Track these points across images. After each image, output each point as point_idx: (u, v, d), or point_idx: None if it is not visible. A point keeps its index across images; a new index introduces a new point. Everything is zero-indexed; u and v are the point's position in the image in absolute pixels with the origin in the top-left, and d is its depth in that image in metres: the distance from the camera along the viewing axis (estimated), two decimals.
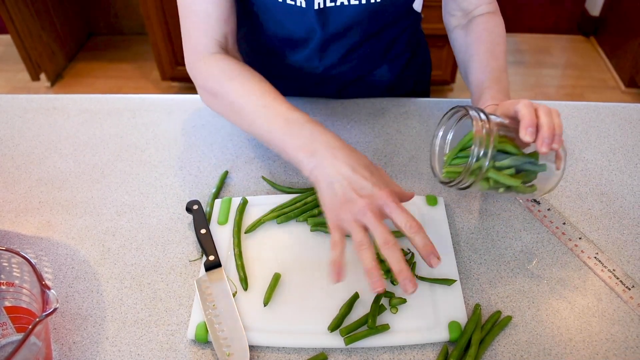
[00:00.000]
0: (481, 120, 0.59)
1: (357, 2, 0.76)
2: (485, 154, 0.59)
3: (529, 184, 0.65)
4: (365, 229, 0.57)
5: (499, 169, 0.62)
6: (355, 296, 0.63)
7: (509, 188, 0.63)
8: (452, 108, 0.64)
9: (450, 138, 0.67)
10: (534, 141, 0.60)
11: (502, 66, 0.78)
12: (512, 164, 0.62)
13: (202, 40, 0.75)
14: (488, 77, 0.76)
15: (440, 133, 0.67)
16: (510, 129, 0.62)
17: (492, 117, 0.61)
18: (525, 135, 0.59)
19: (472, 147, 0.59)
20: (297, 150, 0.62)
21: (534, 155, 0.63)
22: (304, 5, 0.76)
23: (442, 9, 0.89)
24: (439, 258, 0.57)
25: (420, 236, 0.57)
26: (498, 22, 0.83)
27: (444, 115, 0.66)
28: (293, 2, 0.76)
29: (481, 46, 0.80)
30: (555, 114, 0.61)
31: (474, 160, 0.59)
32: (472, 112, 0.60)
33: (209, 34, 0.75)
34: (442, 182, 0.65)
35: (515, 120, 0.62)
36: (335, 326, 0.60)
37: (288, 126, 0.64)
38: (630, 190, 0.78)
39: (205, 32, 0.75)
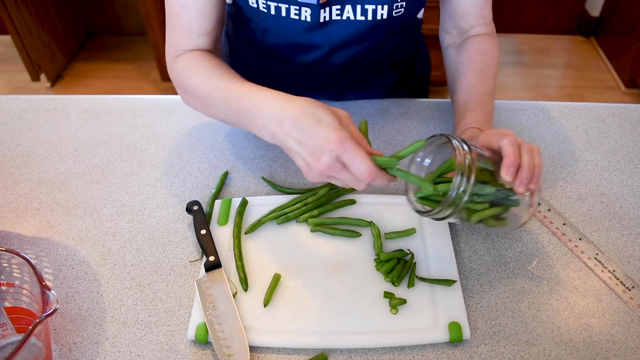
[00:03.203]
0: (464, 150, 0.58)
1: (362, 18, 0.76)
2: (467, 186, 0.57)
3: (501, 216, 0.63)
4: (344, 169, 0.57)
5: (475, 201, 0.60)
6: None
7: (481, 220, 0.61)
8: (433, 135, 0.62)
9: (427, 164, 0.65)
10: (513, 180, 0.59)
11: (490, 90, 0.77)
12: (489, 195, 0.61)
13: (182, 46, 0.76)
14: (473, 99, 0.75)
15: (419, 159, 0.64)
16: (488, 162, 0.61)
17: (473, 149, 0.60)
18: (506, 174, 0.58)
19: (455, 178, 0.57)
20: (249, 124, 0.64)
21: (509, 189, 0.61)
22: (309, 19, 0.75)
23: (440, 26, 0.88)
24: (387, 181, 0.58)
25: (379, 180, 0.57)
26: (493, 44, 0.82)
27: (426, 140, 0.62)
28: (297, 17, 0.75)
29: (471, 67, 0.79)
30: (536, 152, 0.61)
31: (455, 192, 0.57)
32: (455, 142, 0.59)
33: (190, 42, 0.75)
34: (417, 211, 0.62)
35: (496, 153, 0.61)
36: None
37: (237, 105, 0.65)
38: (631, 191, 0.78)
39: (185, 40, 0.75)
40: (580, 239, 0.71)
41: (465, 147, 0.58)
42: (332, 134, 0.56)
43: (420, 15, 0.88)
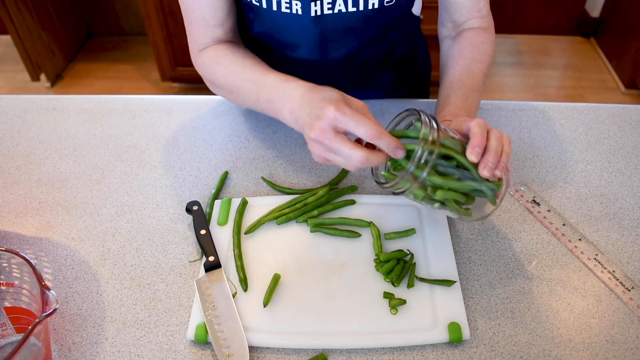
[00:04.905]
0: (431, 127, 0.57)
1: (354, 9, 0.76)
2: (426, 162, 0.57)
3: (465, 206, 0.63)
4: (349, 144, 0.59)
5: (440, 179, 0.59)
6: None
7: (442, 204, 0.61)
8: (406, 110, 0.62)
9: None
10: (478, 163, 0.58)
11: (476, 85, 0.75)
12: (454, 176, 0.60)
13: (202, 40, 0.80)
14: (456, 93, 0.74)
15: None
16: (457, 143, 0.60)
17: (443, 128, 0.59)
18: (471, 154, 0.57)
19: (416, 149, 0.57)
20: (276, 112, 0.68)
21: (478, 178, 0.60)
22: (300, 12, 0.75)
23: (438, 19, 0.88)
24: (403, 150, 0.59)
25: (383, 142, 0.58)
26: (487, 38, 0.81)
27: (397, 115, 0.63)
28: (289, 10, 0.75)
29: (460, 60, 0.78)
30: (506, 141, 0.60)
31: (413, 167, 0.57)
32: (424, 117, 0.58)
33: (209, 34, 0.79)
34: (377, 182, 0.63)
35: (466, 137, 0.60)
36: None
37: (267, 94, 0.69)
38: (630, 192, 0.78)
39: (204, 34, 0.79)
40: (580, 239, 0.71)
41: (434, 123, 0.58)
42: (331, 99, 0.59)
43: (416, 12, 0.88)
